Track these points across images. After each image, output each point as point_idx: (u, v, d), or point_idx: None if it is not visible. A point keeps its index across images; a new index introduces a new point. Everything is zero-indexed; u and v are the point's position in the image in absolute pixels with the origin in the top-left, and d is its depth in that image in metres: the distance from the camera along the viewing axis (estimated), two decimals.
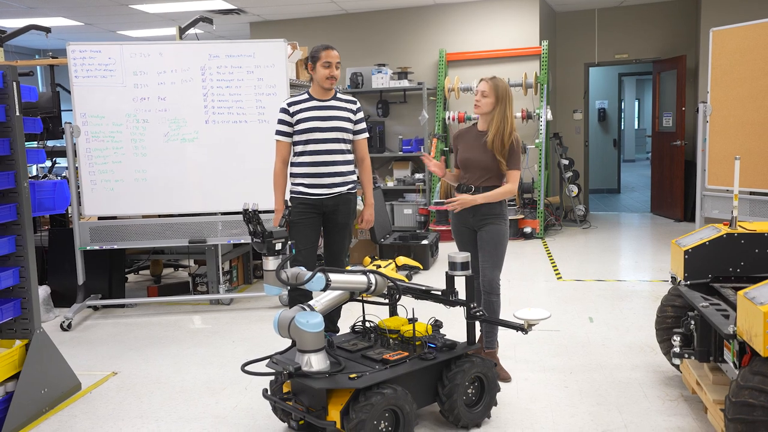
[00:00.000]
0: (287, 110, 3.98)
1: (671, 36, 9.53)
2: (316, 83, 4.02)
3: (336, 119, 3.99)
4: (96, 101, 5.36)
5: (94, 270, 5.63)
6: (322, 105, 4.00)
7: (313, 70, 3.98)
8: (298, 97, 4.03)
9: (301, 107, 3.97)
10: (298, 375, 2.94)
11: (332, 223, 4.08)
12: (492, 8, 8.93)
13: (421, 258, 6.75)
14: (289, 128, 3.98)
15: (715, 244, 3.44)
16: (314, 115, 3.95)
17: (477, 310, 3.32)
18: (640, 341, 4.37)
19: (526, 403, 3.51)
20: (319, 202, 3.99)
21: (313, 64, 3.96)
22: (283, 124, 4.00)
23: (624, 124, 17.98)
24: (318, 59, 3.93)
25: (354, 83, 9.00)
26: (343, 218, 4.08)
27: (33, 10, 8.83)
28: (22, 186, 3.49)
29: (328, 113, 3.98)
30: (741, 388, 2.53)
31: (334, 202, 4.02)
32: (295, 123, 3.96)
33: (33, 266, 3.58)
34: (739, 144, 5.71)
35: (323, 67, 3.93)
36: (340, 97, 4.09)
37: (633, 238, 8.51)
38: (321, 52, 3.94)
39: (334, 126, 3.98)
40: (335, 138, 3.99)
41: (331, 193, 4.00)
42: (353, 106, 4.10)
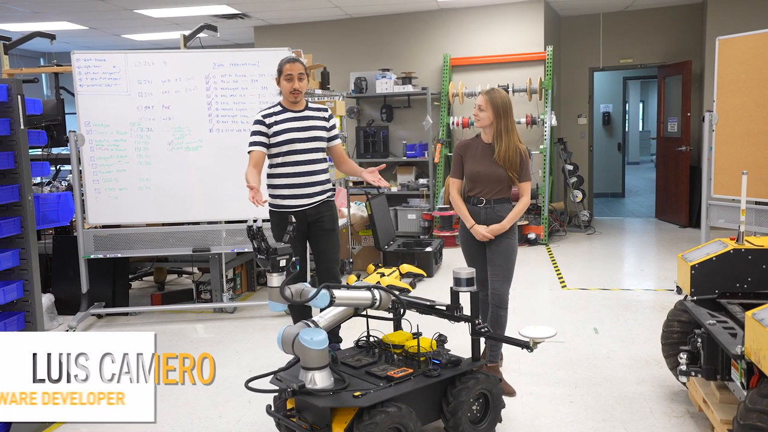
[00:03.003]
0: (263, 122, 3.96)
1: (676, 41, 9.49)
2: (283, 95, 4.05)
3: (313, 129, 4.02)
4: (100, 109, 5.36)
5: (98, 278, 5.63)
6: (298, 116, 4.01)
7: (279, 84, 4.00)
8: (271, 109, 4.03)
9: (277, 119, 3.97)
10: (301, 392, 2.93)
11: (319, 231, 4.07)
12: (496, 13, 8.91)
13: (424, 265, 6.73)
14: (265, 139, 3.95)
15: (722, 260, 3.41)
16: (292, 126, 3.96)
17: (482, 326, 3.31)
18: (646, 354, 4.35)
19: (531, 419, 3.49)
20: (301, 213, 3.98)
21: (278, 77, 3.99)
22: (259, 135, 3.95)
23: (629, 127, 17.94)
24: (281, 72, 3.96)
25: (358, 88, 8.98)
26: (328, 224, 4.09)
27: (38, 15, 8.83)
28: (26, 199, 3.49)
29: (304, 123, 4.00)
30: (749, 411, 2.51)
31: (316, 210, 4.03)
32: (272, 135, 3.95)
33: (37, 280, 3.57)
34: (745, 153, 5.68)
35: (286, 80, 3.94)
36: (312, 107, 4.12)
37: (637, 245, 8.48)
38: (284, 65, 3.95)
39: (312, 136, 4.00)
40: (314, 148, 4.01)
41: (313, 202, 4.02)
42: (325, 113, 4.12)
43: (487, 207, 3.81)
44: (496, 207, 3.81)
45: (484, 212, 3.82)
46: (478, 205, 3.83)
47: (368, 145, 9.10)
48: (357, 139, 9.17)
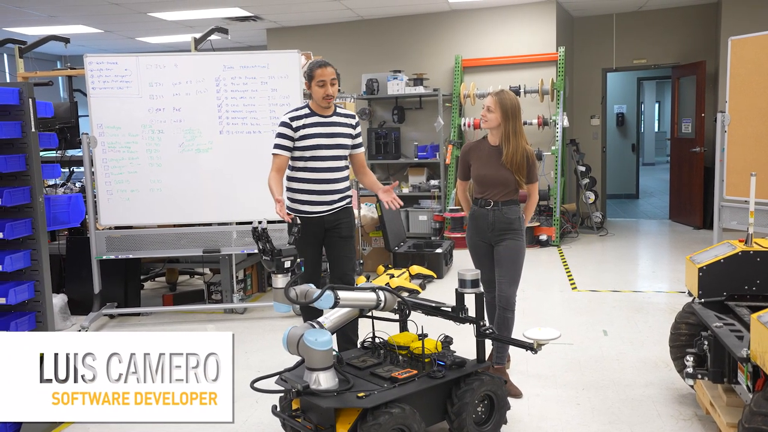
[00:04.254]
0: (289, 125, 3.85)
1: (690, 41, 9.42)
2: (314, 100, 3.95)
3: (339, 136, 3.93)
4: (112, 112, 5.42)
5: (111, 278, 5.69)
6: (326, 122, 3.91)
7: (309, 88, 3.89)
8: (298, 112, 3.91)
9: (304, 122, 3.86)
10: (306, 393, 2.95)
11: (336, 237, 3.99)
12: (508, 14, 8.89)
13: (434, 267, 6.73)
14: (290, 143, 3.86)
15: (730, 262, 3.39)
16: (318, 132, 3.87)
17: (487, 328, 3.31)
18: (655, 356, 4.32)
19: (537, 421, 3.48)
20: (320, 219, 3.92)
21: (309, 82, 3.87)
22: (284, 138, 3.86)
23: (644, 128, 17.80)
24: (312, 78, 3.83)
25: (369, 89, 9.00)
26: (346, 231, 4.01)
27: (54, 18, 8.94)
28: (37, 201, 3.54)
29: (331, 130, 3.90)
30: (754, 414, 2.49)
31: (335, 217, 3.95)
32: (297, 138, 3.85)
33: (48, 280, 3.62)
34: (757, 154, 5.62)
35: (318, 86, 3.81)
36: (340, 113, 4.00)
37: (650, 247, 8.42)
38: (315, 71, 3.82)
39: (337, 143, 3.92)
40: (338, 155, 3.93)
41: (332, 209, 3.94)
42: (353, 121, 4.03)
43: (495, 209, 3.81)
44: (504, 209, 3.81)
45: (492, 214, 3.82)
46: (486, 207, 3.83)
47: (380, 147, 9.12)
48: (368, 141, 9.18)
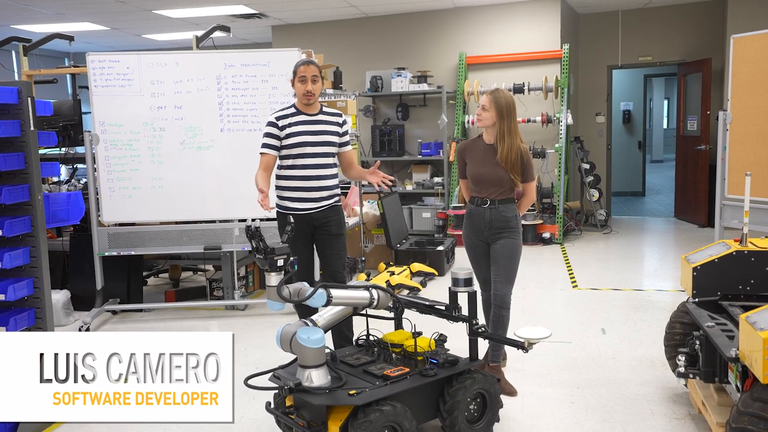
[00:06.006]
0: (276, 124, 3.93)
1: (696, 38, 9.36)
2: (297, 97, 4.02)
3: (325, 134, 3.98)
4: (114, 110, 5.46)
5: (113, 274, 5.74)
6: (311, 119, 3.97)
7: (293, 86, 3.97)
8: (284, 111, 3.99)
9: (290, 121, 3.93)
10: (298, 390, 2.97)
11: (326, 235, 4.03)
12: (512, 11, 8.87)
13: (436, 264, 6.75)
14: (277, 142, 3.93)
15: (724, 262, 3.39)
16: (304, 130, 3.93)
17: (479, 326, 3.33)
18: (652, 355, 4.32)
19: (530, 419, 3.50)
20: (308, 216, 3.96)
21: (293, 79, 3.95)
22: (271, 138, 3.93)
23: (652, 125, 17.70)
24: (295, 74, 3.91)
25: (374, 87, 9.01)
26: (335, 229, 4.04)
27: (61, 16, 9.01)
28: (36, 199, 3.58)
29: (317, 128, 3.96)
30: (741, 414, 2.50)
31: (323, 214, 3.99)
32: (284, 137, 3.92)
33: (47, 277, 3.67)
34: (759, 153, 5.59)
35: (299, 82, 3.89)
36: (326, 111, 4.06)
37: (654, 245, 8.40)
38: (298, 67, 3.90)
39: (324, 140, 3.96)
40: (324, 152, 3.97)
41: (320, 206, 3.98)
42: (339, 119, 4.07)
43: (492, 208, 3.82)
44: (500, 207, 3.82)
45: (489, 213, 3.83)
46: (483, 206, 3.84)
47: (384, 144, 9.13)
48: (372, 138, 9.20)
